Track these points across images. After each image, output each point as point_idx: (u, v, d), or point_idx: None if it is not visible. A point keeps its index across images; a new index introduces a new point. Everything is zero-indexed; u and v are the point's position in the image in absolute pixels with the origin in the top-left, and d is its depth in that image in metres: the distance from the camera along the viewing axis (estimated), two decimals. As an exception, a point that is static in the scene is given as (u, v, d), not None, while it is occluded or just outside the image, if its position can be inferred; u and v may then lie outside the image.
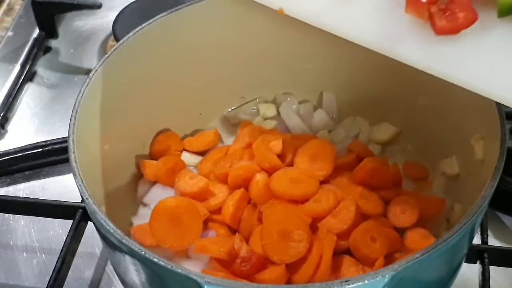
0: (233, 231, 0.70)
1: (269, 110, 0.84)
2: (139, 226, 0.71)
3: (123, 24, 1.02)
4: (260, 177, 0.70)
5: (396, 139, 0.81)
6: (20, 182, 0.90)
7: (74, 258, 0.77)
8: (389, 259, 0.65)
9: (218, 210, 0.71)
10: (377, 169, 0.71)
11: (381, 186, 0.71)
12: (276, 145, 0.74)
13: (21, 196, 0.87)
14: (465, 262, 0.67)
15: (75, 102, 0.65)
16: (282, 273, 0.63)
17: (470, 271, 0.74)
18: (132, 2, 1.06)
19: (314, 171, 0.71)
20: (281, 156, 0.73)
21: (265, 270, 0.63)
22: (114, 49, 0.71)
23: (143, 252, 0.53)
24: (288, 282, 0.63)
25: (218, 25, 0.78)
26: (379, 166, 0.71)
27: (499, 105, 0.64)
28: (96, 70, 0.69)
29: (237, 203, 0.70)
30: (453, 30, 0.56)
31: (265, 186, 0.69)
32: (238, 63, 0.82)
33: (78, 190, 0.59)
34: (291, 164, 0.73)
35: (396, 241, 0.67)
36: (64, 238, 0.76)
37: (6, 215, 0.85)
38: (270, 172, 0.71)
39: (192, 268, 0.58)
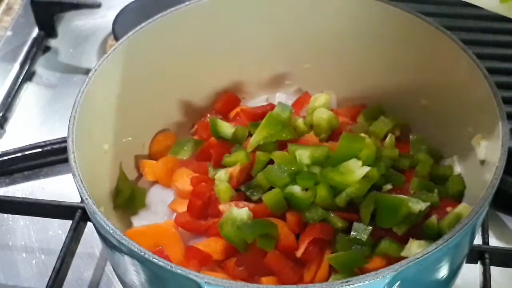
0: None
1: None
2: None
3: (123, 23, 1.01)
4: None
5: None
6: (19, 182, 0.90)
7: (74, 259, 0.77)
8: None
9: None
10: None
11: None
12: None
13: (20, 196, 0.87)
14: (466, 262, 0.67)
15: (75, 102, 0.65)
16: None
17: (471, 272, 0.74)
18: (132, 2, 1.06)
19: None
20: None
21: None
22: (114, 49, 0.71)
23: (142, 253, 0.53)
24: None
25: (218, 25, 0.78)
26: None
27: (500, 105, 0.64)
28: (95, 70, 0.68)
29: None
30: None
31: None
32: (238, 63, 0.82)
33: (77, 190, 0.59)
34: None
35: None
36: (64, 238, 0.76)
37: (5, 215, 0.85)
38: None
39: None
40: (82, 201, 0.67)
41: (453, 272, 0.63)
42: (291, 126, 0.73)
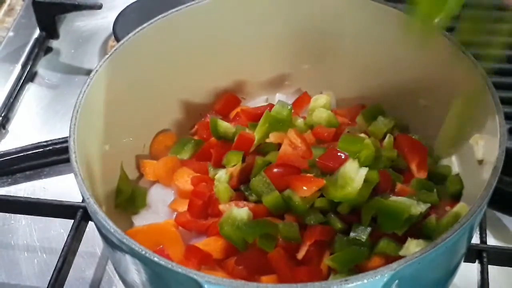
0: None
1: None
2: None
3: (124, 24, 1.02)
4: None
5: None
6: (21, 182, 0.90)
7: (75, 258, 0.77)
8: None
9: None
10: None
11: None
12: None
13: (22, 196, 0.87)
14: (464, 261, 0.67)
15: (76, 102, 0.65)
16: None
17: (469, 271, 0.74)
18: (132, 3, 1.06)
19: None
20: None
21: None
22: (115, 50, 0.71)
23: (143, 252, 0.53)
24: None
25: (218, 26, 0.79)
26: None
27: (498, 105, 0.64)
28: (96, 71, 0.69)
29: None
30: None
31: None
32: (238, 63, 0.82)
33: (79, 190, 0.60)
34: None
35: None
36: (65, 237, 0.77)
37: (7, 214, 0.85)
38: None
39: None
40: (83, 200, 0.67)
41: (451, 271, 0.64)
42: (291, 123, 0.73)
